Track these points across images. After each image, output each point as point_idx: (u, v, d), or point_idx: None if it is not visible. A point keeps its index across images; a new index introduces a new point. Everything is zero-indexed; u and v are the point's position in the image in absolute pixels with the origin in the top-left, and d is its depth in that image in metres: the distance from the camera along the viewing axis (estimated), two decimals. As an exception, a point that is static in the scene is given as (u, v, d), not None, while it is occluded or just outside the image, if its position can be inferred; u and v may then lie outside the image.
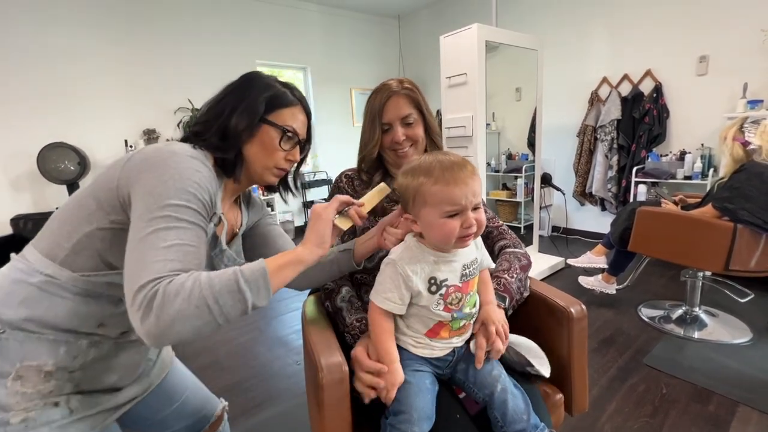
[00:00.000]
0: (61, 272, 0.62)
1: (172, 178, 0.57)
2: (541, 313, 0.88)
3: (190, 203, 0.58)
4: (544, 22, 3.74)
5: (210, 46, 3.86)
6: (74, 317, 0.63)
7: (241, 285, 0.55)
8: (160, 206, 0.55)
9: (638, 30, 3.18)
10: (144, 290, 0.50)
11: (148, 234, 0.54)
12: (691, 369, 1.74)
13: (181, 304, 0.50)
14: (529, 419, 0.67)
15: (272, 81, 0.75)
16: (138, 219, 0.55)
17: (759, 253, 1.79)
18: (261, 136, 0.72)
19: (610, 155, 3.41)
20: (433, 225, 0.67)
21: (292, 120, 0.74)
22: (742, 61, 2.70)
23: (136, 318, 0.50)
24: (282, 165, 0.75)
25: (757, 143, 1.74)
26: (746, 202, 1.72)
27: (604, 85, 3.45)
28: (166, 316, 0.49)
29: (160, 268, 0.52)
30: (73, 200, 0.65)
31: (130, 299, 0.51)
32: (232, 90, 0.73)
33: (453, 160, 0.68)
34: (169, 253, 0.53)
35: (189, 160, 0.61)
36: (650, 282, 2.66)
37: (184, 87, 3.71)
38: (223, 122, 0.69)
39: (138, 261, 0.53)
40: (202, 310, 0.51)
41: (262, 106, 0.71)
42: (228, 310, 0.54)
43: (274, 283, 0.59)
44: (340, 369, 0.64)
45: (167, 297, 0.50)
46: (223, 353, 2.09)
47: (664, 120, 3.11)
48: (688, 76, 2.98)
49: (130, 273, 0.52)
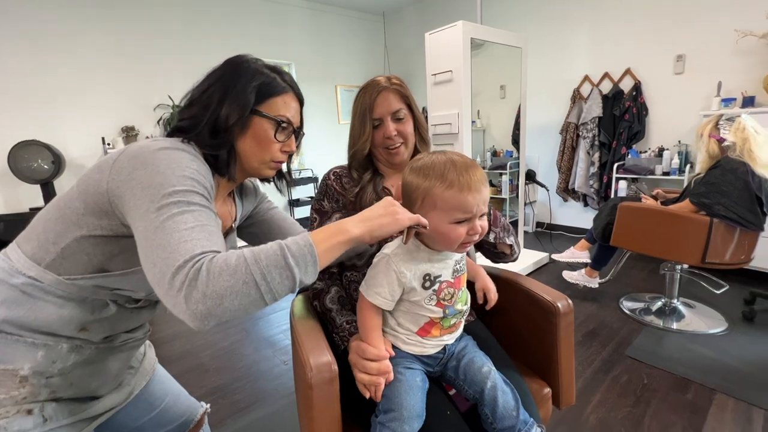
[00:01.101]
0: (45, 275, 0.59)
1: (169, 168, 0.55)
2: (528, 308, 0.89)
3: (195, 188, 0.56)
4: (527, 21, 3.78)
5: (192, 41, 3.77)
6: (56, 320, 0.60)
7: (289, 260, 0.52)
8: (165, 194, 0.52)
9: (618, 29, 3.24)
10: (183, 270, 0.47)
11: (164, 221, 0.51)
12: (670, 359, 1.79)
13: (228, 280, 0.47)
14: (518, 415, 0.67)
15: (259, 66, 0.70)
16: (145, 213, 0.52)
17: (733, 246, 1.86)
18: (254, 129, 0.68)
19: (591, 152, 3.48)
20: (439, 229, 0.66)
21: (285, 109, 0.70)
22: (717, 61, 2.78)
23: (178, 300, 0.46)
24: (279, 158, 0.72)
25: (732, 140, 1.80)
26: (722, 197, 1.77)
27: (586, 83, 3.51)
28: (213, 292, 0.46)
29: (192, 247, 0.49)
30: (58, 203, 0.63)
31: (165, 284, 0.47)
32: (217, 78, 0.68)
33: (467, 163, 0.66)
34: (194, 234, 0.50)
35: (180, 153, 0.58)
36: (631, 276, 2.73)
37: (165, 83, 3.61)
38: (212, 116, 0.65)
39: (163, 246, 0.49)
40: (249, 286, 0.48)
41: (252, 96, 0.66)
42: (276, 287, 0.51)
43: (321, 259, 0.55)
44: (329, 368, 0.63)
45: (212, 273, 0.47)
46: (207, 356, 2.05)
47: (643, 117, 3.19)
48: (665, 74, 3.06)
49: (156, 260, 0.49)
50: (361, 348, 0.69)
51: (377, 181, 0.97)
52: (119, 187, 0.56)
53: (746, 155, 1.77)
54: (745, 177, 1.74)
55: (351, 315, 0.84)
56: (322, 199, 0.99)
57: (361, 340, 0.71)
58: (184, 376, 1.88)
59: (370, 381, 0.67)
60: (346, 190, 0.97)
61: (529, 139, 3.65)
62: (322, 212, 0.98)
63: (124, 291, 0.66)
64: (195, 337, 2.23)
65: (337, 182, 0.99)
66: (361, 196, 0.94)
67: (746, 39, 2.58)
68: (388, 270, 0.68)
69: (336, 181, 0.99)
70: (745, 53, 2.65)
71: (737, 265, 1.91)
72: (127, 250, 0.60)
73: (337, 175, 1.00)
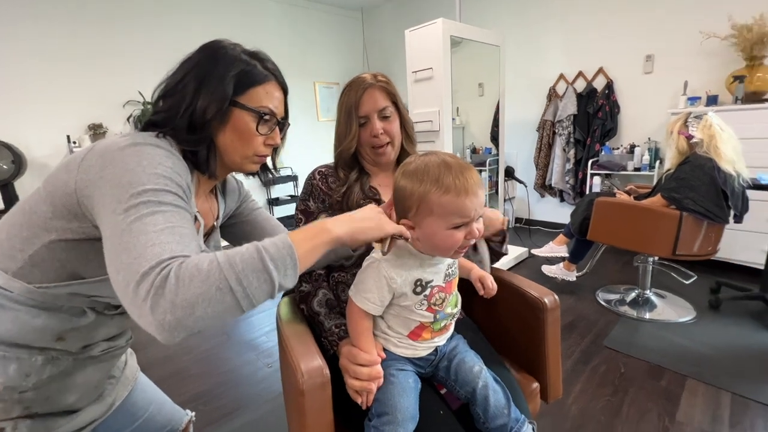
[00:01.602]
0: (13, 284, 0.55)
1: (139, 165, 0.51)
2: (515, 304, 0.90)
3: (168, 186, 0.51)
4: (504, 20, 3.83)
5: (163, 35, 3.62)
6: (29, 331, 0.56)
7: (267, 263, 0.47)
8: (134, 193, 0.48)
9: (591, 29, 3.34)
10: (149, 277, 0.43)
11: (131, 222, 0.46)
12: (644, 348, 1.87)
13: (200, 287, 0.43)
14: (510, 413, 0.68)
15: (238, 53, 0.64)
16: (111, 213, 0.48)
17: (701, 238, 1.95)
18: (234, 122, 0.63)
19: (567, 149, 3.57)
20: (436, 236, 0.63)
21: (268, 99, 0.65)
22: (683, 61, 2.91)
23: (143, 309, 0.42)
24: (262, 152, 0.67)
25: (699, 137, 1.88)
26: (690, 192, 1.85)
27: (561, 81, 3.60)
28: (183, 300, 0.42)
29: (160, 251, 0.45)
30: (23, 206, 0.58)
31: (130, 292, 0.43)
32: (192, 67, 0.62)
33: (462, 166, 0.63)
34: (163, 236, 0.46)
35: (154, 149, 0.54)
36: (606, 268, 2.83)
37: (135, 78, 3.46)
38: (187, 108, 0.60)
39: (128, 251, 0.45)
40: (224, 292, 0.44)
41: (230, 87, 0.61)
42: (253, 292, 0.46)
43: (302, 261, 0.52)
44: (321, 373, 0.62)
45: (182, 280, 0.43)
46: (187, 361, 1.99)
47: (615, 115, 3.30)
48: (636, 74, 3.17)
49: (120, 266, 0.45)
50: (353, 353, 0.68)
51: (364, 180, 0.96)
52: (87, 187, 0.52)
53: (712, 151, 1.85)
54: (712, 172, 1.83)
55: (340, 318, 0.82)
56: (307, 199, 0.96)
57: (352, 344, 0.70)
58: (164, 382, 1.81)
59: (361, 387, 0.65)
60: (332, 190, 0.95)
61: (508, 136, 3.71)
62: (308, 213, 0.96)
63: (102, 298, 0.62)
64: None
65: (323, 182, 0.97)
66: (348, 196, 0.92)
67: (710, 40, 2.70)
68: (378, 275, 0.67)
69: (321, 180, 0.97)
70: (708, 54, 2.78)
71: (705, 256, 2.01)
72: (100, 254, 0.56)
73: (322, 175, 0.98)
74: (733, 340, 1.90)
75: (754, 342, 1.88)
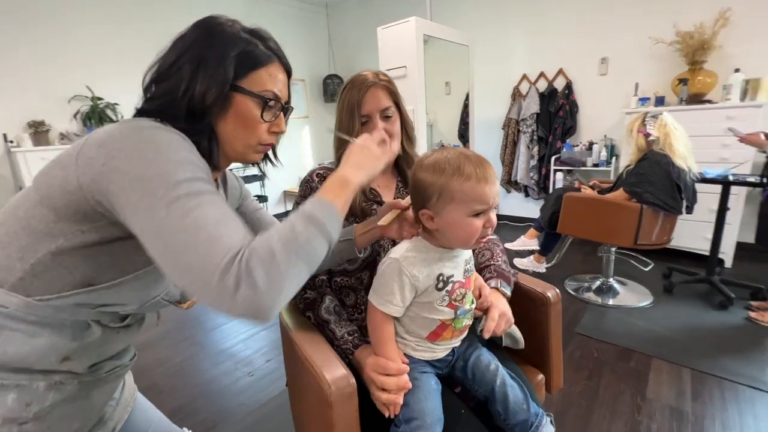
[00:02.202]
0: (10, 298, 0.49)
1: (160, 153, 0.47)
2: (518, 299, 0.93)
3: (196, 173, 0.49)
4: (470, 20, 3.91)
5: (113, 26, 3.34)
6: (29, 352, 0.50)
7: (322, 228, 0.50)
8: (170, 186, 0.45)
9: (551, 32, 3.50)
10: (231, 269, 0.43)
11: (181, 219, 0.45)
12: (612, 333, 2.00)
13: (280, 266, 0.45)
14: (529, 408, 0.69)
15: (236, 30, 0.58)
16: (150, 211, 0.45)
17: (658, 229, 2.11)
18: (236, 109, 0.57)
19: (531, 146, 3.73)
20: (457, 224, 0.65)
21: (272, 83, 0.60)
22: (634, 64, 3.13)
23: (237, 301, 0.43)
24: (266, 140, 0.63)
25: (656, 135, 2.04)
26: (649, 186, 2.01)
27: (524, 81, 3.75)
28: (272, 282, 0.44)
29: (228, 243, 0.45)
30: (15, 212, 0.51)
31: (214, 287, 0.43)
32: (186, 47, 0.56)
33: (480, 158, 0.66)
34: (222, 228, 0.46)
35: (164, 132, 0.50)
36: (572, 259, 2.99)
37: (82, 71, 3.17)
38: (185, 94, 0.54)
39: (194, 249, 0.44)
40: (300, 267, 0.48)
41: (230, 69, 0.56)
42: (318, 257, 0.50)
43: (341, 214, 0.55)
44: (348, 383, 0.60)
45: (264, 265, 0.44)
46: (160, 375, 1.86)
47: (574, 114, 3.49)
48: (592, 75, 3.37)
49: (191, 265, 0.44)
50: (381, 364, 0.66)
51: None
52: (96, 181, 0.47)
53: (667, 148, 2.01)
54: (667, 168, 1.98)
55: (351, 325, 0.80)
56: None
57: (374, 353, 0.69)
58: (134, 401, 1.68)
59: (388, 399, 0.64)
60: None
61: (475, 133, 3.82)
62: (307, 215, 0.93)
63: (112, 307, 0.56)
64: (142, 353, 2.01)
65: (321, 183, 0.93)
66: None
67: (658, 46, 2.93)
68: (400, 275, 0.66)
69: (320, 182, 0.94)
70: (657, 58, 3.02)
71: (661, 245, 2.19)
72: (117, 256, 0.52)
73: (320, 177, 0.94)
74: (687, 320, 2.08)
75: (704, 321, 2.07)
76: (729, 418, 1.42)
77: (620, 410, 1.49)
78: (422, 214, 0.68)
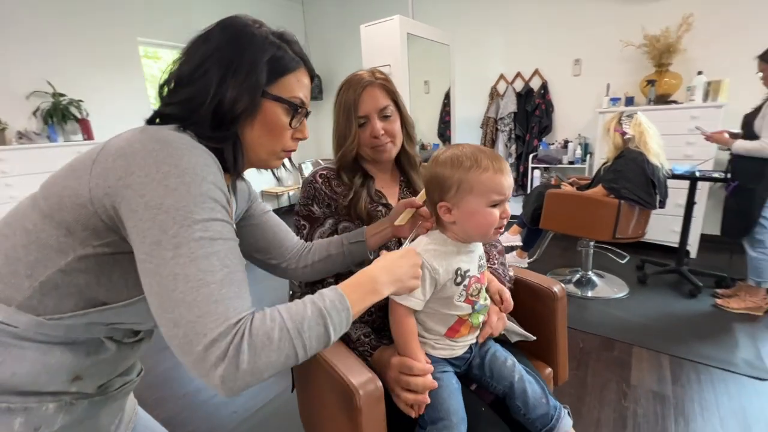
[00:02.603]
0: (19, 317, 0.45)
1: (183, 183, 0.43)
2: (524, 295, 0.95)
3: (215, 212, 0.46)
4: (449, 20, 3.95)
5: (76, 17, 3.12)
6: (39, 373, 0.46)
7: (329, 329, 0.50)
8: (184, 225, 0.42)
9: (527, 33, 3.60)
10: (220, 344, 0.41)
11: (186, 266, 0.42)
12: (595, 323, 2.08)
13: (270, 356, 0.44)
14: (548, 402, 0.70)
15: (266, 34, 0.55)
16: (155, 246, 0.42)
17: (634, 222, 2.22)
18: (264, 115, 0.55)
19: (509, 144, 3.83)
20: (477, 214, 0.66)
21: (299, 88, 0.58)
22: (606, 65, 3.27)
23: (212, 374, 0.41)
24: (290, 146, 0.61)
25: (632, 133, 2.14)
26: (626, 182, 2.10)
27: (502, 81, 3.84)
28: (255, 369, 0.43)
29: (225, 311, 0.43)
30: (22, 225, 0.47)
31: (194, 354, 0.41)
32: (214, 50, 0.53)
33: (493, 151, 0.68)
34: (225, 290, 0.43)
35: (190, 152, 0.46)
36: (553, 254, 3.09)
37: (42, 66, 2.95)
38: (213, 100, 0.51)
39: (189, 304, 0.42)
40: (290, 359, 0.46)
41: (263, 76, 0.53)
42: (311, 353, 0.49)
43: (353, 320, 0.54)
44: (375, 386, 0.59)
45: (255, 350, 0.43)
46: (142, 387, 1.74)
47: (550, 113, 3.61)
48: (566, 76, 3.49)
49: (180, 319, 0.42)
50: (407, 364, 0.65)
51: (370, 185, 0.93)
52: (108, 195, 0.44)
53: (642, 146, 2.11)
54: (643, 165, 2.08)
55: (365, 327, 0.79)
56: (310, 204, 0.91)
57: (398, 353, 0.68)
58: (116, 416, 1.59)
59: (416, 399, 0.64)
60: (337, 194, 0.91)
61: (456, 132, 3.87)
62: (313, 219, 0.90)
63: (124, 324, 0.53)
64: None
65: (326, 185, 0.91)
66: (355, 203, 0.89)
67: (627, 48, 3.07)
68: (422, 268, 0.66)
69: (325, 184, 0.91)
70: (626, 60, 3.16)
71: (636, 238, 2.29)
72: (131, 273, 0.48)
73: (324, 178, 0.92)
74: (661, 308, 2.20)
75: (676, 309, 2.19)
76: (706, 399, 1.51)
77: (608, 398, 1.55)
78: (440, 206, 0.68)
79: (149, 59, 3.81)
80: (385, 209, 0.92)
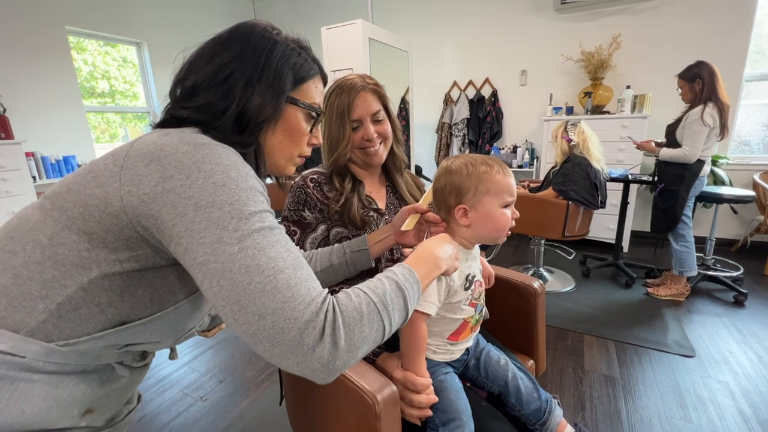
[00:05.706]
0: (27, 346, 0.40)
1: (229, 178, 0.42)
2: (505, 292, 1.00)
3: (264, 204, 0.45)
4: (406, 25, 4.04)
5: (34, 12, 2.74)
6: (50, 409, 0.41)
7: (408, 301, 0.51)
8: (242, 218, 0.41)
9: (478, 43, 3.79)
10: (315, 324, 0.40)
11: (255, 257, 0.41)
12: (549, 315, 2.24)
13: (363, 330, 0.44)
14: (540, 396, 0.75)
15: (287, 40, 0.56)
16: (216, 243, 0.40)
17: (579, 221, 2.43)
18: (286, 121, 0.55)
19: (463, 149, 4.00)
20: (492, 215, 0.69)
21: (317, 94, 0.59)
22: (549, 77, 3.55)
23: (310, 358, 0.40)
24: (306, 152, 0.61)
25: (576, 140, 2.34)
26: (573, 185, 2.30)
27: (455, 88, 4.00)
28: (351, 345, 0.43)
29: (307, 291, 0.42)
30: (35, 238, 0.41)
31: (289, 339, 0.40)
32: (233, 56, 0.52)
33: (497, 159, 0.72)
34: (299, 272, 0.43)
35: (224, 150, 0.45)
36: (507, 252, 3.28)
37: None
38: (238, 106, 0.50)
39: (270, 293, 0.40)
40: (379, 333, 0.47)
41: (288, 83, 0.54)
42: (395, 327, 0.50)
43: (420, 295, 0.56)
44: (391, 391, 0.59)
45: (348, 325, 0.43)
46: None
47: (500, 120, 3.83)
48: (514, 85, 3.73)
49: (264, 310, 0.40)
50: (411, 381, 0.66)
51: (360, 190, 0.93)
52: (145, 203, 0.41)
53: (586, 152, 2.32)
54: (587, 168, 2.29)
55: None
56: (301, 209, 0.89)
57: (401, 365, 0.68)
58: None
59: (420, 415, 0.66)
60: (329, 199, 0.90)
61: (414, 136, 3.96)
62: (304, 224, 0.88)
63: (141, 345, 0.49)
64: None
65: (317, 190, 0.90)
66: (348, 208, 0.89)
67: (567, 62, 3.36)
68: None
69: (316, 188, 0.90)
70: (566, 73, 3.46)
71: (581, 236, 2.51)
72: (157, 288, 0.45)
73: (315, 182, 0.91)
74: (603, 298, 2.43)
75: (616, 298, 2.44)
76: (648, 377, 1.70)
77: (567, 384, 1.68)
78: (458, 209, 0.70)
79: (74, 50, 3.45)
80: (377, 214, 0.93)
